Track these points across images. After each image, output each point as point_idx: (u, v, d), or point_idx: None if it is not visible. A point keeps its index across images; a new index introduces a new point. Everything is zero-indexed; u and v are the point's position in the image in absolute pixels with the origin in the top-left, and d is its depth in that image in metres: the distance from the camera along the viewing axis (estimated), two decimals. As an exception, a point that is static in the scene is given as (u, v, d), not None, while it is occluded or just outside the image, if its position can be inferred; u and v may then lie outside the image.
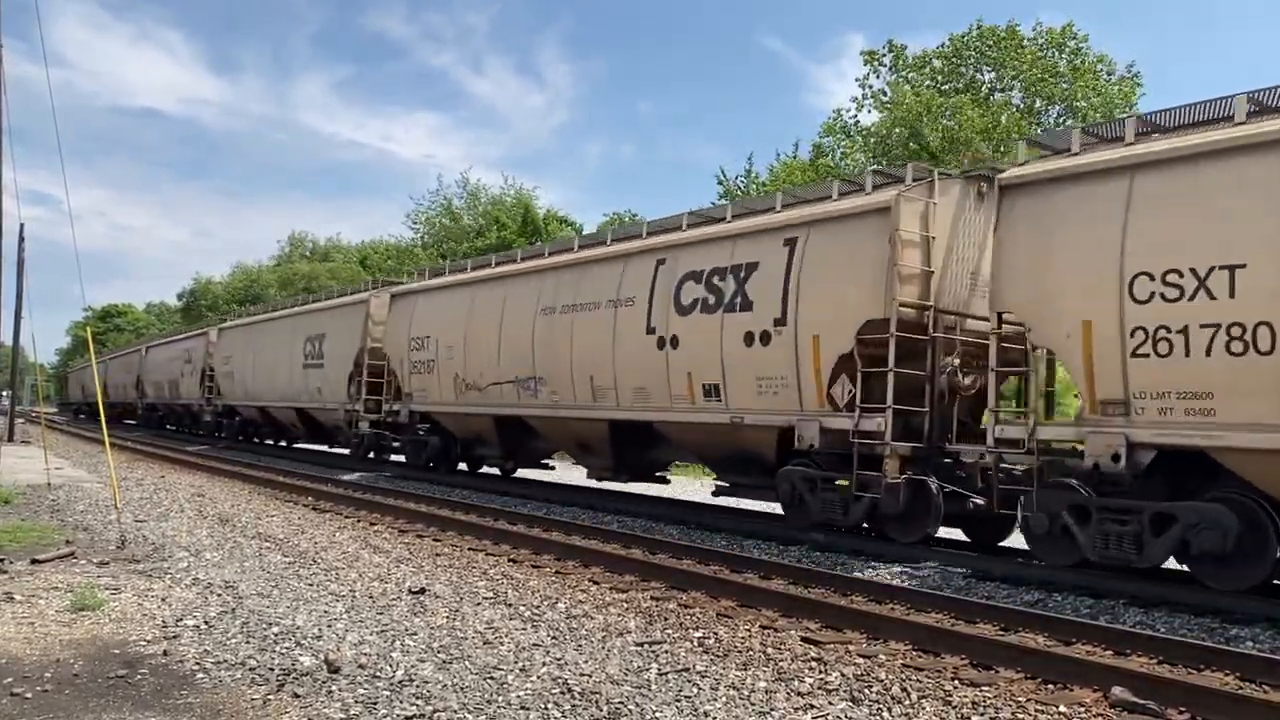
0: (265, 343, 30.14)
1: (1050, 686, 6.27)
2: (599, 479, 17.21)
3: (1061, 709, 5.80)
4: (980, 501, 11.42)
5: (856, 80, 41.49)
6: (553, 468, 21.06)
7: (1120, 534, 9.40)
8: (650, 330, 14.68)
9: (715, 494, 14.89)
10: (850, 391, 11.93)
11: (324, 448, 28.62)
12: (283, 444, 32.93)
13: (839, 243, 12.38)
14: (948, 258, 12.06)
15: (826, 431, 12.13)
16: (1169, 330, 8.96)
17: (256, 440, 34.15)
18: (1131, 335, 9.25)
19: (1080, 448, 9.87)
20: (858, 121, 40.76)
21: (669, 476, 18.20)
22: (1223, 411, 8.72)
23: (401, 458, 23.04)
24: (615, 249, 16.43)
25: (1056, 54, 37.59)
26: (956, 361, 11.94)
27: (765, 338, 12.84)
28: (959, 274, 12.22)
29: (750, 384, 13.14)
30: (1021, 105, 37.71)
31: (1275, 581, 9.02)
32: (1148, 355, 9.13)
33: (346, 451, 26.02)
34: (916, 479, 11.36)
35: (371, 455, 24.39)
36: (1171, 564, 9.79)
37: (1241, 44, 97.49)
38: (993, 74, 38.33)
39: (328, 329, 25.62)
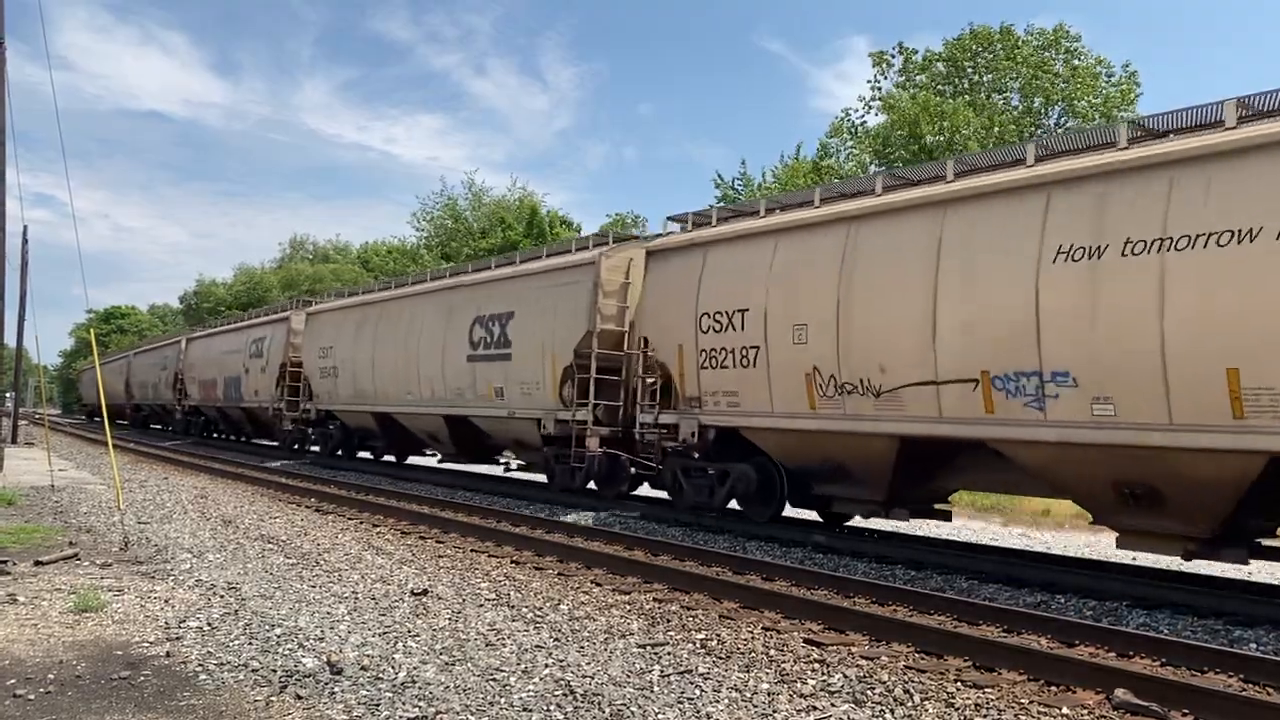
0: (404, 325, 22.41)
1: (1053, 688, 6.26)
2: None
3: (1064, 711, 5.80)
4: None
5: (868, 81, 41.53)
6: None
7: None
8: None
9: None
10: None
11: (491, 470, 21.99)
12: (419, 463, 25.60)
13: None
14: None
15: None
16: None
17: (369, 458, 26.50)
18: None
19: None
20: (865, 123, 40.80)
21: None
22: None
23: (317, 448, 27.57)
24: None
25: (1053, 54, 37.59)
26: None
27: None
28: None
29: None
30: (1020, 106, 37.72)
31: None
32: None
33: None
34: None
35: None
36: (1176, 564, 9.80)
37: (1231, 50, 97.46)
38: (990, 76, 38.32)
39: (517, 306, 18.49)
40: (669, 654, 6.88)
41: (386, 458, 25.89)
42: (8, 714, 5.08)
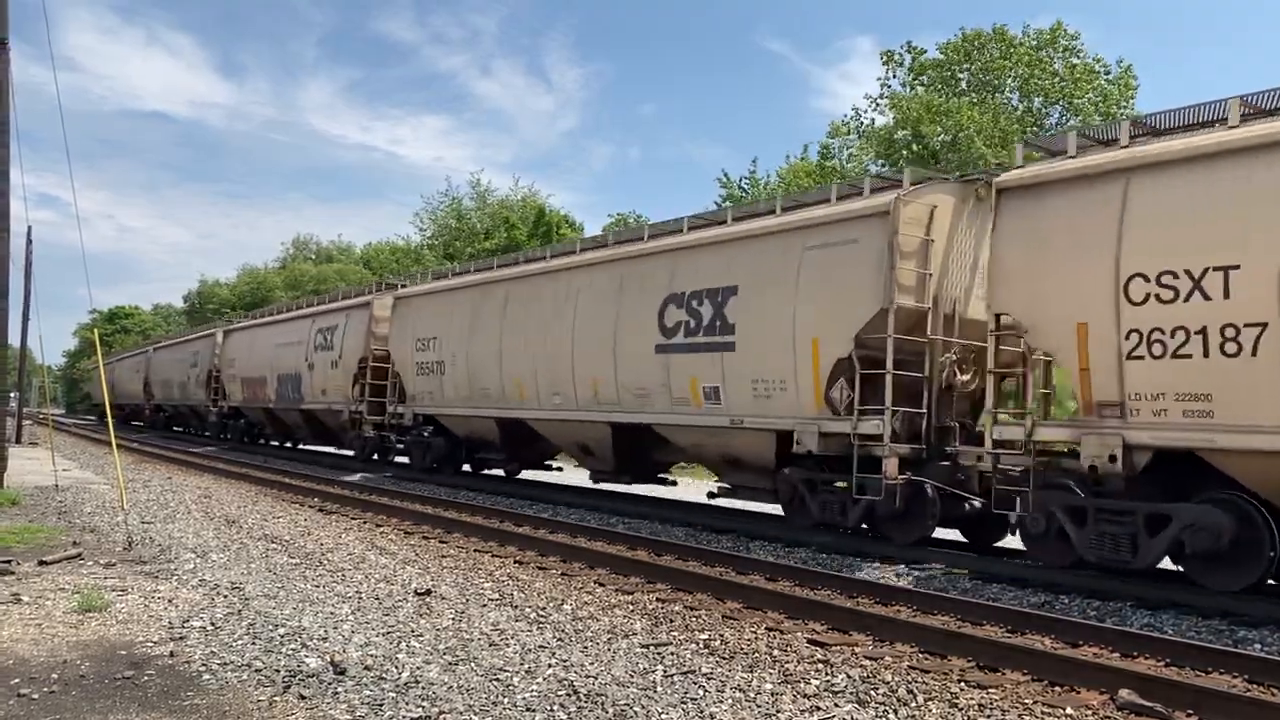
0: (549, 308, 17.55)
1: (1057, 688, 6.26)
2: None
3: (1068, 711, 5.79)
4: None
5: (878, 79, 41.54)
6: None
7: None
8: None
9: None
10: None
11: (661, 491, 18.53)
12: (563, 482, 21.10)
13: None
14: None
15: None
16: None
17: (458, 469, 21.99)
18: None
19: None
20: (874, 121, 40.79)
21: (674, 479, 18.26)
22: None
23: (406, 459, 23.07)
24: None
25: (1050, 53, 37.55)
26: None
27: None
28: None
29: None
30: (1020, 106, 37.68)
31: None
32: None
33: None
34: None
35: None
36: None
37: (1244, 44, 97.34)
38: (988, 77, 38.28)
39: (741, 277, 13.83)
40: (672, 654, 6.87)
41: (482, 469, 21.86)
42: (12, 714, 5.08)
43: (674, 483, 17.72)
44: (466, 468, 21.87)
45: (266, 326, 32.07)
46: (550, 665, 6.44)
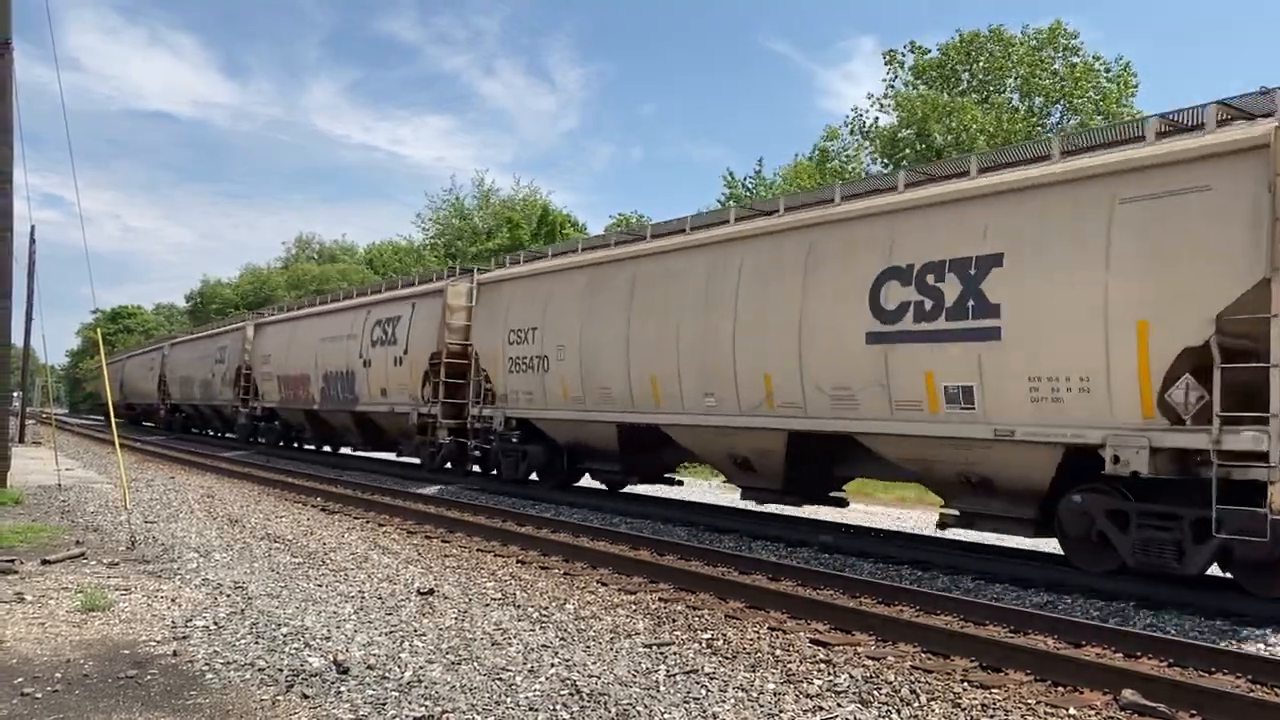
0: (691, 289, 14.38)
1: (1060, 689, 6.25)
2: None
3: (1071, 711, 5.78)
4: None
5: (882, 80, 41.58)
6: (680, 483, 18.65)
7: None
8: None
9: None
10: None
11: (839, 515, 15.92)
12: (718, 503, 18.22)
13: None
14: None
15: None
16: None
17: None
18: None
19: None
20: (877, 121, 40.74)
21: (681, 479, 17.86)
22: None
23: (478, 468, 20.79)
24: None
25: (1050, 53, 37.50)
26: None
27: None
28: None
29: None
30: (1022, 107, 37.64)
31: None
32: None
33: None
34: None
35: (449, 465, 21.53)
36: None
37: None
38: (987, 78, 38.25)
39: (1008, 244, 10.62)
40: (675, 654, 6.87)
41: (578, 480, 18.97)
42: (16, 712, 5.09)
43: (846, 503, 14.56)
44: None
45: (309, 319, 28.62)
46: (553, 665, 6.44)
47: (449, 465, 21.32)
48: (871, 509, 18.36)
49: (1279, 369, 8.23)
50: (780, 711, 5.60)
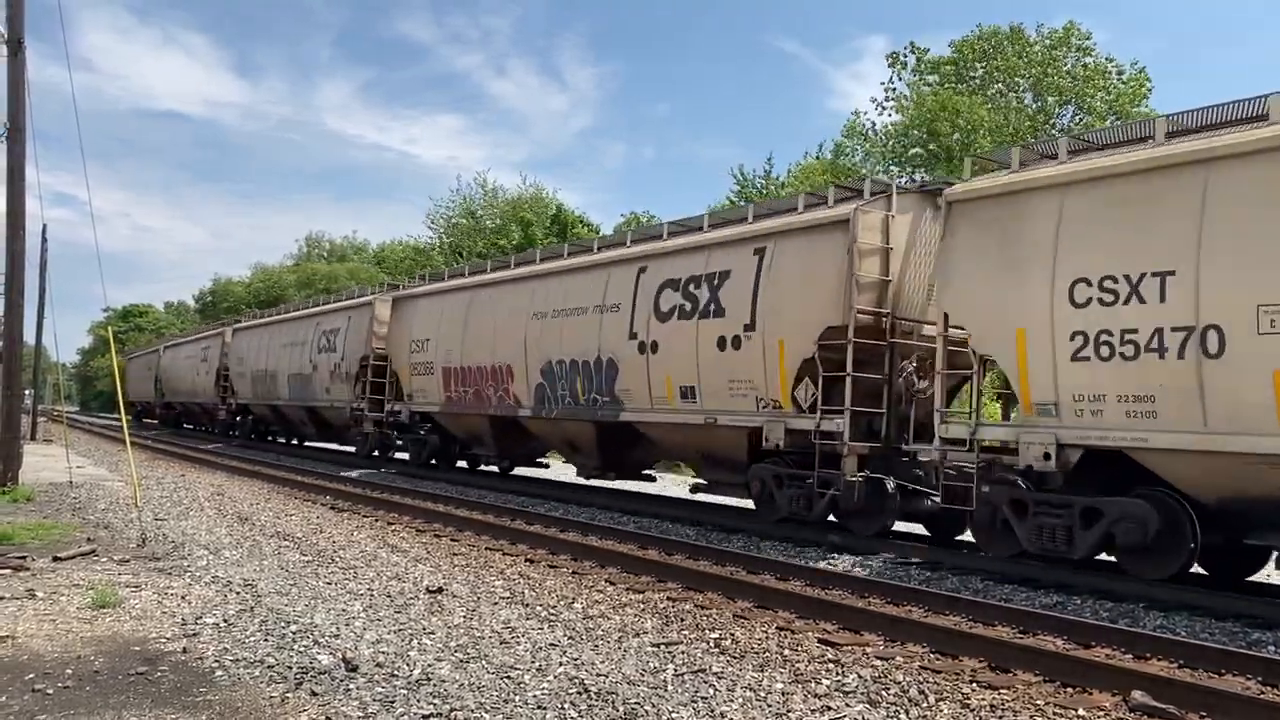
0: None
1: (1069, 689, 6.24)
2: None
3: (1080, 712, 5.77)
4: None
5: (882, 84, 41.59)
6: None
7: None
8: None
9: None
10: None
11: None
12: None
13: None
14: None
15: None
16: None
17: None
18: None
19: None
20: (873, 124, 40.75)
21: (654, 475, 19.03)
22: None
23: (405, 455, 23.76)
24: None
25: (1064, 53, 37.43)
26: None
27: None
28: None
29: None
30: (1034, 106, 37.56)
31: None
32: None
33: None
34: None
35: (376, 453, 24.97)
36: (1194, 567, 9.72)
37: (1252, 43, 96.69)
38: (1000, 75, 38.17)
39: None
40: (683, 653, 6.87)
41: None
42: (27, 708, 5.12)
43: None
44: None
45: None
46: (561, 663, 6.44)
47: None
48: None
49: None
50: (788, 711, 5.59)
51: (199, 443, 34.23)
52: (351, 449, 26.34)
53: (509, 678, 6.05)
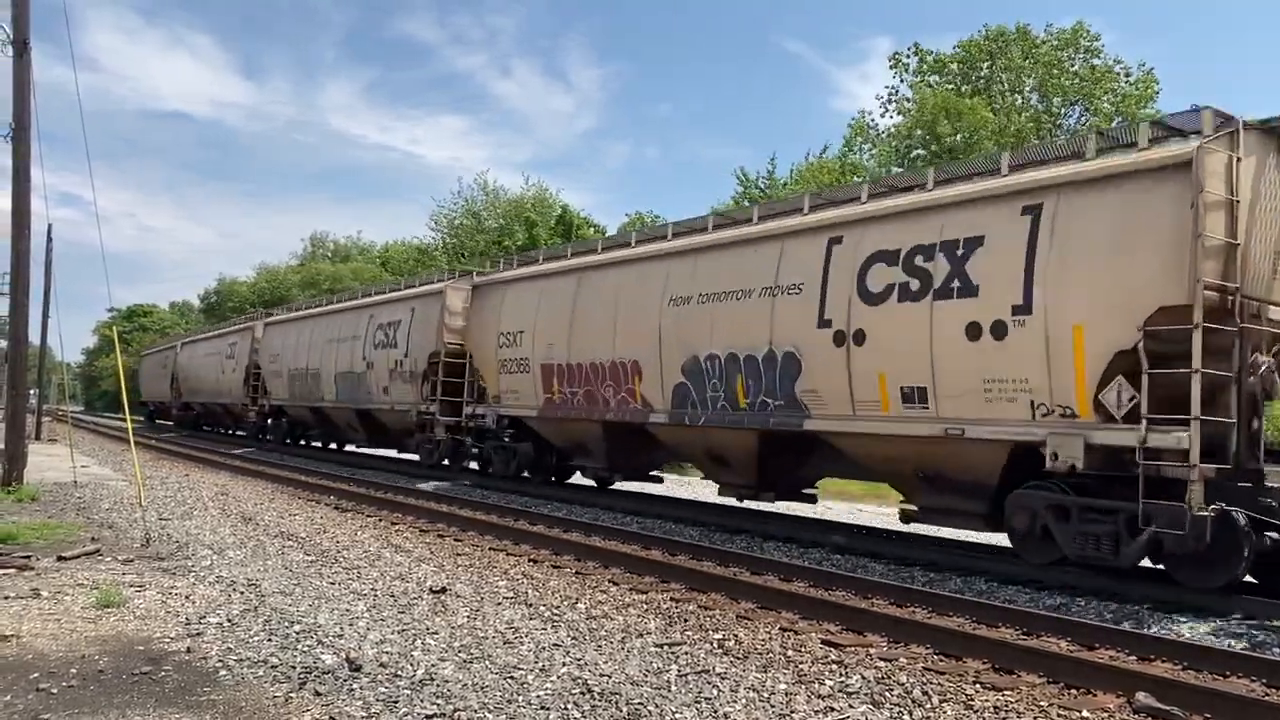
0: None
1: (1073, 691, 6.23)
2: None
3: (1084, 714, 5.76)
4: None
5: (886, 86, 41.62)
6: (661, 480, 18.95)
7: None
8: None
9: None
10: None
11: None
12: None
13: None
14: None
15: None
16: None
17: None
18: None
19: None
20: (876, 125, 40.76)
21: (661, 475, 17.77)
22: None
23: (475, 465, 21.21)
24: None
25: (1072, 54, 37.38)
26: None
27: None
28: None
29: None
30: (1040, 107, 37.53)
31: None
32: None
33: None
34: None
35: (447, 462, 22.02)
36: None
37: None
38: (1007, 75, 38.12)
39: None
40: (686, 653, 6.87)
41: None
42: (31, 707, 5.12)
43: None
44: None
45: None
46: (565, 664, 6.45)
47: (447, 462, 21.64)
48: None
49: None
50: (792, 712, 5.59)
51: (227, 447, 31.55)
52: (408, 456, 24.08)
53: (512, 678, 6.05)
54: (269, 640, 6.70)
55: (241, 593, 8.36)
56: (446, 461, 21.77)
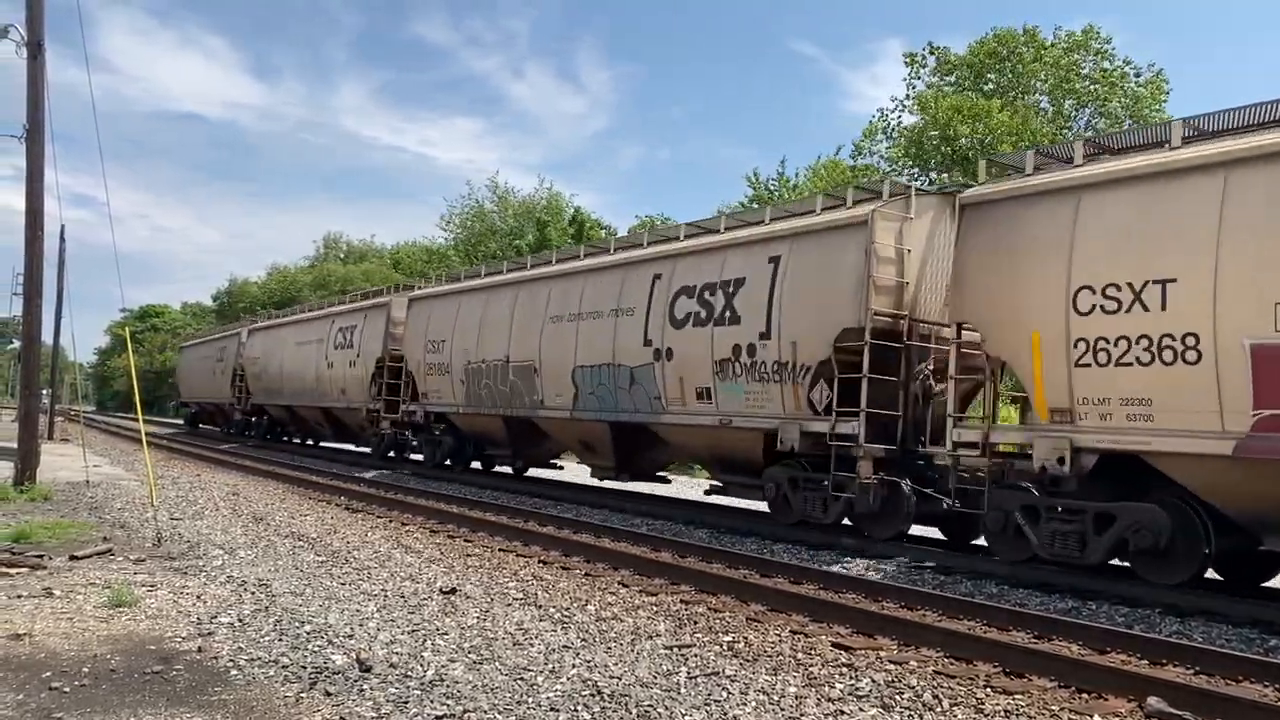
0: None
1: (1084, 695, 6.20)
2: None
3: (1095, 718, 5.74)
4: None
5: (903, 80, 41.43)
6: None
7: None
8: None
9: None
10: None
11: None
12: None
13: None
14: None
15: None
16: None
17: None
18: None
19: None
20: (900, 121, 40.61)
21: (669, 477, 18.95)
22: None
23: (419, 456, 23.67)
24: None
25: (1082, 56, 37.24)
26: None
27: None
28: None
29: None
30: (1050, 109, 37.39)
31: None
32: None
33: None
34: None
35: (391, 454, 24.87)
36: (1209, 572, 9.66)
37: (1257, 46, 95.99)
38: (1018, 78, 37.99)
39: None
40: (696, 656, 6.87)
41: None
42: (43, 706, 5.15)
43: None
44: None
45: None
46: (574, 665, 6.45)
47: (391, 453, 24.69)
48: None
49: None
50: (802, 715, 5.58)
51: (216, 443, 33.96)
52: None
53: (522, 679, 6.05)
54: (280, 640, 6.72)
55: (252, 593, 8.38)
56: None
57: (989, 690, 6.25)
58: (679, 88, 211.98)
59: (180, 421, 51.52)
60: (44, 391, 38.49)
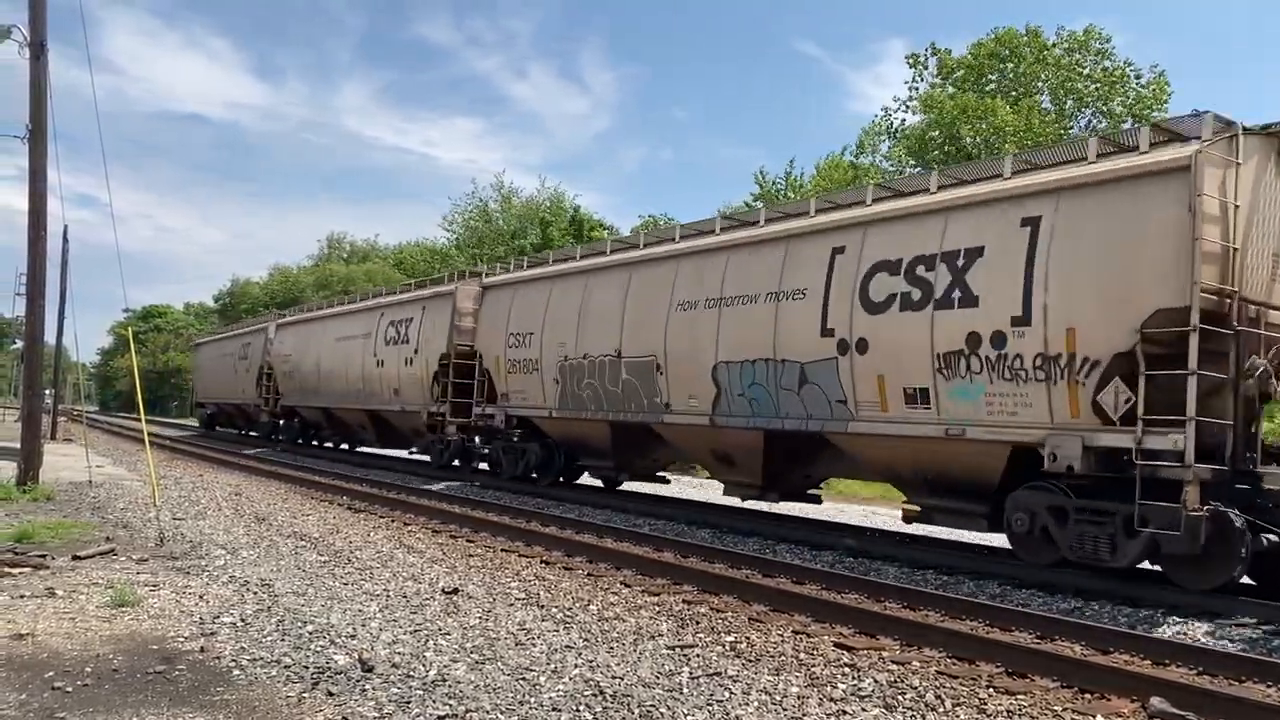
0: None
1: (1087, 696, 6.19)
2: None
3: (1099, 719, 5.73)
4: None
5: (905, 82, 41.38)
6: (668, 481, 19.31)
7: None
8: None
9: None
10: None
11: None
12: None
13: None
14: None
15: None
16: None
17: None
18: None
19: None
20: (904, 121, 40.60)
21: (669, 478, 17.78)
22: None
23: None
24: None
25: (1084, 56, 37.20)
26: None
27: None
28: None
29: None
30: (1052, 109, 37.34)
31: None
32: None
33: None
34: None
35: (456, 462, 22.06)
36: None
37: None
38: (1020, 77, 37.95)
39: None
40: (698, 656, 6.86)
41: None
42: (46, 706, 5.15)
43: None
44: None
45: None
46: (576, 665, 6.44)
47: (456, 462, 21.80)
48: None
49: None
50: (804, 715, 5.58)
51: (238, 447, 32.35)
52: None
53: (524, 679, 6.05)
54: (282, 640, 6.72)
55: (255, 593, 8.38)
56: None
57: (992, 690, 6.24)
58: (681, 88, 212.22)
59: (190, 422, 50.79)
60: (47, 392, 38.50)
